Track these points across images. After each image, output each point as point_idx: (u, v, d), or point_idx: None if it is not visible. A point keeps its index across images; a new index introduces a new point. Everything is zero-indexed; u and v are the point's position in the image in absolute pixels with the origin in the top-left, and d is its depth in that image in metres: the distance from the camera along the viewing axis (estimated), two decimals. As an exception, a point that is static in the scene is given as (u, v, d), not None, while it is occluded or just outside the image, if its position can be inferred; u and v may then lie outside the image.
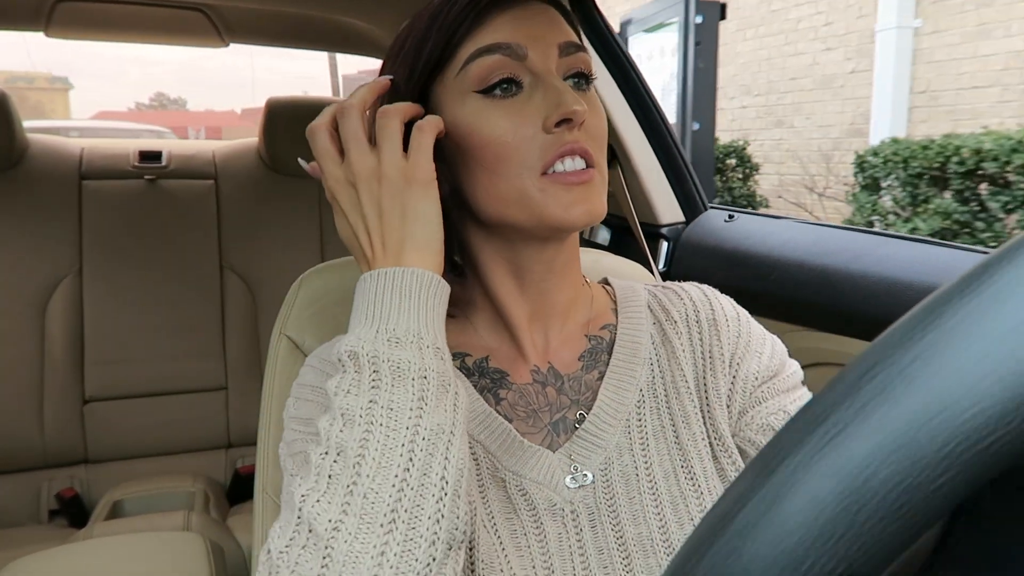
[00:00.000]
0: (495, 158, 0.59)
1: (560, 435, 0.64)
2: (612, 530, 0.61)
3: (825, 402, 0.24)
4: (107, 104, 36.38)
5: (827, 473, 0.22)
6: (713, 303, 0.71)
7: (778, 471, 0.23)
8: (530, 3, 0.61)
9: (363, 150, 0.57)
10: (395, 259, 0.56)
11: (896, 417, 0.22)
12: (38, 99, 29.61)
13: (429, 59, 0.60)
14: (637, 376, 0.66)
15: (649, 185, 1.44)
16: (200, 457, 1.94)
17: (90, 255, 1.87)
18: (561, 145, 0.58)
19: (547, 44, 0.60)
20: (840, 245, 1.15)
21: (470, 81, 0.59)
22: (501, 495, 0.61)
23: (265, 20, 1.85)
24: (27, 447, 1.78)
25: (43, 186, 1.86)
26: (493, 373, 0.66)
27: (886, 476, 0.22)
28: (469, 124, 0.59)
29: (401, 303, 0.54)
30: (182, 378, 1.90)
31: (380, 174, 0.56)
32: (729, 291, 0.75)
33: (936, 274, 0.99)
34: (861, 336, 1.09)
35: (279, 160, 2.00)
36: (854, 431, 0.22)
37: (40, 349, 1.80)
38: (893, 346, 0.23)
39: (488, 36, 0.59)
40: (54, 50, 36.39)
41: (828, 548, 0.22)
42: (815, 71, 6.96)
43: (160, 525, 1.55)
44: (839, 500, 0.22)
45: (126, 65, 47.33)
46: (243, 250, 1.98)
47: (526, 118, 0.59)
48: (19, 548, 1.50)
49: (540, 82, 0.59)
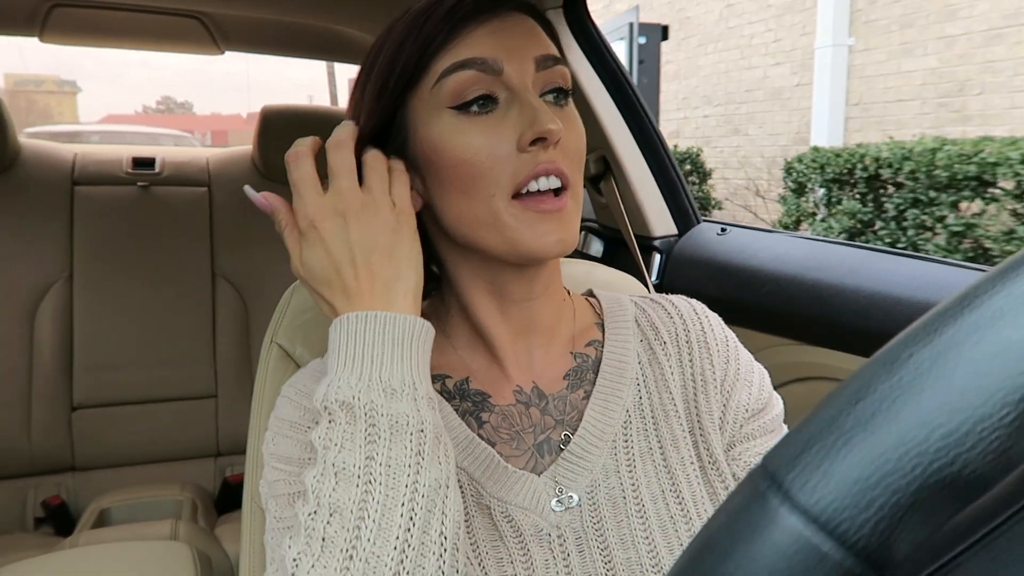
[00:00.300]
0: (468, 177, 0.57)
1: (545, 456, 0.63)
2: (600, 555, 0.59)
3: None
4: (114, 108, 36.51)
5: None
6: (703, 323, 0.69)
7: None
8: (508, 15, 0.60)
9: (356, 182, 0.57)
10: (384, 301, 0.54)
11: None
12: (46, 103, 29.63)
13: (403, 71, 0.59)
14: (623, 396, 0.65)
15: (642, 197, 1.45)
16: (189, 465, 1.92)
17: (81, 261, 1.86)
18: (536, 165, 0.57)
19: (523, 58, 0.59)
20: (832, 260, 1.15)
21: (444, 96, 0.58)
22: (487, 522, 0.60)
23: (260, 28, 1.86)
24: (14, 454, 1.76)
25: (35, 191, 1.85)
26: (475, 395, 0.64)
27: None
28: (442, 141, 0.58)
29: (395, 351, 0.53)
30: (171, 385, 1.89)
31: (375, 209, 0.56)
32: (721, 304, 0.75)
33: (928, 290, 1.00)
34: (853, 351, 1.10)
35: (273, 168, 2.00)
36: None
37: (28, 355, 1.79)
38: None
39: (464, 50, 0.58)
40: (59, 52, 36.44)
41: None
42: (766, 84, 7.62)
43: (147, 534, 1.54)
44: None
45: (131, 68, 47.33)
46: (235, 258, 1.97)
47: (501, 136, 0.57)
48: (3, 556, 1.49)
49: (516, 98, 0.58)
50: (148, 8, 1.67)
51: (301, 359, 0.80)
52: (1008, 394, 0.21)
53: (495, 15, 0.59)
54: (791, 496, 0.23)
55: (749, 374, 0.68)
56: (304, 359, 0.80)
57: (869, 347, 0.25)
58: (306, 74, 28.83)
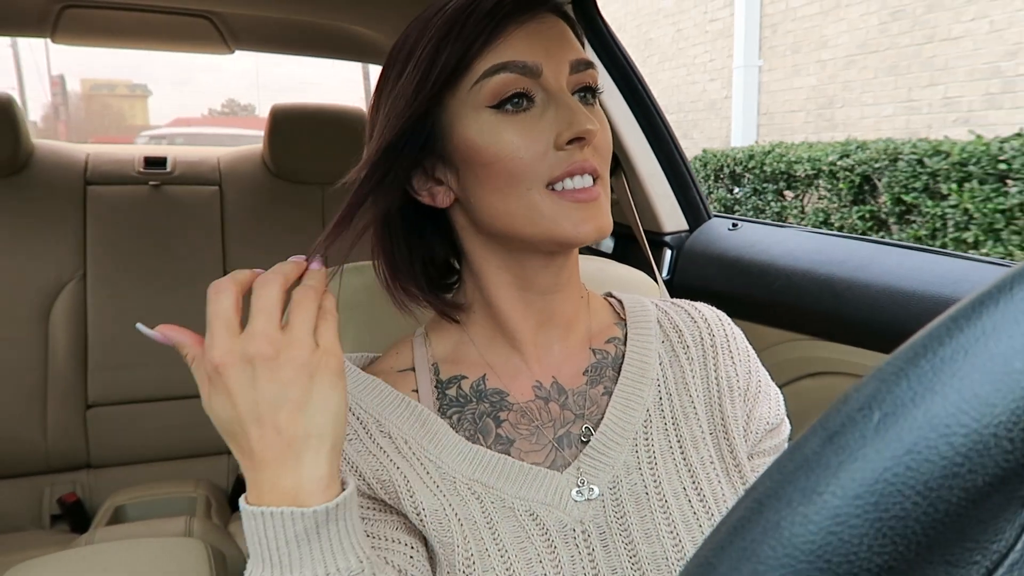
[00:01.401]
0: (506, 173, 0.59)
1: (565, 450, 0.64)
2: (625, 549, 0.61)
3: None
4: (182, 111, 36.69)
5: None
6: (727, 331, 0.71)
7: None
8: (544, 17, 0.61)
9: (274, 323, 0.50)
10: (292, 468, 0.50)
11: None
12: (119, 106, 29.96)
13: (444, 70, 0.59)
14: (644, 396, 0.66)
15: (653, 193, 1.44)
16: (202, 462, 1.94)
17: (94, 260, 1.87)
18: (571, 163, 0.59)
19: (560, 61, 0.60)
20: (845, 254, 1.15)
21: (484, 96, 0.59)
22: (512, 524, 0.60)
23: (270, 28, 1.86)
24: (30, 452, 1.78)
25: (48, 191, 1.87)
26: (491, 395, 0.66)
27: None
28: (481, 139, 0.59)
29: (301, 549, 0.49)
30: (184, 383, 1.90)
31: (290, 356, 0.49)
32: (732, 300, 0.75)
33: (941, 284, 0.99)
34: (865, 345, 1.09)
35: (283, 167, 2.01)
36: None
37: (44, 354, 1.80)
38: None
39: (505, 52, 0.59)
40: (130, 57, 36.39)
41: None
42: (704, 96, 9.01)
43: (162, 530, 1.55)
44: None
45: (196, 72, 47.47)
46: (247, 256, 1.98)
47: (538, 134, 0.59)
48: (21, 552, 1.50)
49: (552, 99, 0.60)
50: (158, 8, 1.67)
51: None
52: (954, 455, 0.21)
53: (533, 16, 0.61)
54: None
55: (768, 388, 0.70)
56: None
57: (881, 342, 0.25)
58: (358, 73, 29.11)
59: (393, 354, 0.71)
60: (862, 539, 0.21)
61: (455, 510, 0.60)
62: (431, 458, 0.62)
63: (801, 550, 0.22)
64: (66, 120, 25.82)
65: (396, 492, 0.61)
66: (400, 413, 0.64)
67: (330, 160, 2.01)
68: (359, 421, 0.64)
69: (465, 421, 0.65)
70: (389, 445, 0.63)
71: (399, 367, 0.69)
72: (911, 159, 4.43)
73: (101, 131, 28.46)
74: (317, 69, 13.74)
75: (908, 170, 4.46)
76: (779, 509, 0.23)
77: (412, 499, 0.60)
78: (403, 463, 0.62)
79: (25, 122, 1.84)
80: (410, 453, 0.62)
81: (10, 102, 1.77)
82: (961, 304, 0.23)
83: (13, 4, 1.62)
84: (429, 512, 0.60)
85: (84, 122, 29.11)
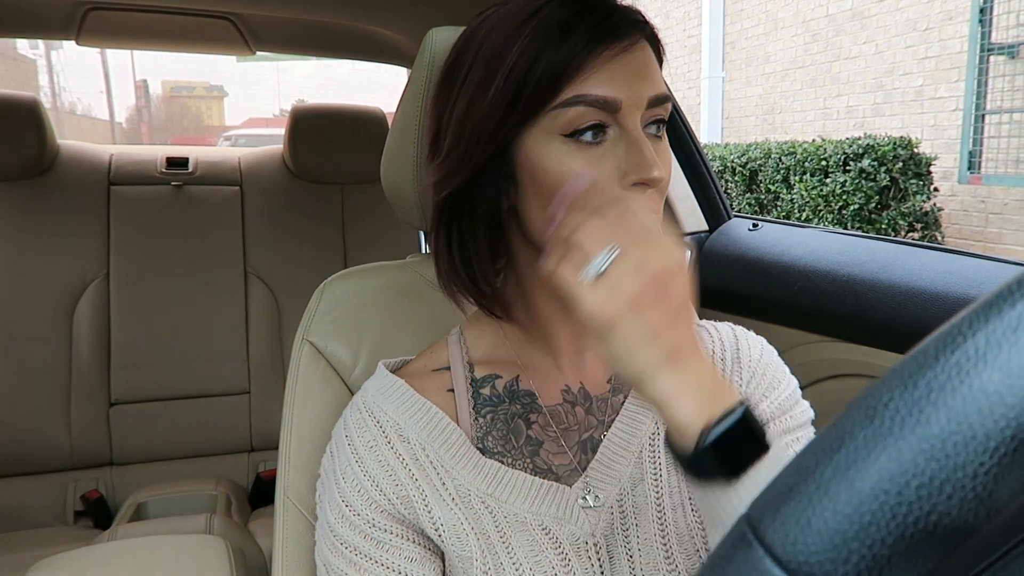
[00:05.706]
0: None
1: (588, 453, 0.65)
2: (627, 559, 0.62)
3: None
4: (254, 111, 37.36)
5: None
6: (740, 343, 0.71)
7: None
8: (637, 42, 0.59)
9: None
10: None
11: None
12: (197, 107, 30.46)
13: (537, 89, 0.57)
14: (652, 409, 0.66)
15: (672, 193, 1.43)
16: (223, 461, 1.95)
17: (117, 260, 1.89)
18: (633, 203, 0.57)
19: (640, 96, 0.59)
20: (867, 255, 1.13)
21: (559, 124, 0.57)
22: (525, 538, 0.61)
23: (292, 29, 1.87)
24: (55, 449, 1.81)
25: (73, 192, 1.89)
26: (523, 396, 0.67)
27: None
28: (548, 163, 0.58)
29: None
30: (206, 382, 1.92)
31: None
32: (753, 300, 0.75)
33: (963, 285, 0.98)
34: (888, 347, 1.08)
35: (303, 167, 2.02)
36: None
37: (68, 352, 1.83)
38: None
39: (590, 83, 0.57)
40: (206, 58, 37.08)
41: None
42: (683, 103, 9.57)
43: (182, 528, 1.57)
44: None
45: (266, 72, 48.02)
46: (267, 256, 2.00)
47: (605, 169, 0.58)
48: (45, 548, 1.52)
49: (625, 136, 0.58)
50: (180, 10, 1.69)
51: (332, 356, 0.80)
52: (984, 441, 0.21)
53: (628, 38, 0.59)
54: (772, 549, 0.23)
55: (776, 382, 0.69)
56: (335, 356, 0.80)
57: (903, 343, 0.24)
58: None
59: (428, 354, 0.72)
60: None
61: (471, 524, 0.61)
62: (447, 468, 0.63)
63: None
64: (148, 121, 26.23)
65: (414, 508, 0.62)
66: (420, 419, 0.65)
67: (350, 160, 2.02)
68: (380, 427, 0.65)
69: (498, 421, 0.66)
70: (407, 452, 0.63)
71: (434, 366, 0.70)
72: (776, 158, 6.13)
73: (179, 131, 28.86)
74: (390, 68, 13.88)
75: (774, 166, 6.16)
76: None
77: (430, 515, 0.61)
78: (420, 473, 0.63)
79: (50, 124, 1.86)
80: (427, 462, 0.63)
81: (36, 104, 1.80)
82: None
83: (40, 7, 1.65)
84: (447, 527, 0.61)
85: (165, 123, 29.61)
